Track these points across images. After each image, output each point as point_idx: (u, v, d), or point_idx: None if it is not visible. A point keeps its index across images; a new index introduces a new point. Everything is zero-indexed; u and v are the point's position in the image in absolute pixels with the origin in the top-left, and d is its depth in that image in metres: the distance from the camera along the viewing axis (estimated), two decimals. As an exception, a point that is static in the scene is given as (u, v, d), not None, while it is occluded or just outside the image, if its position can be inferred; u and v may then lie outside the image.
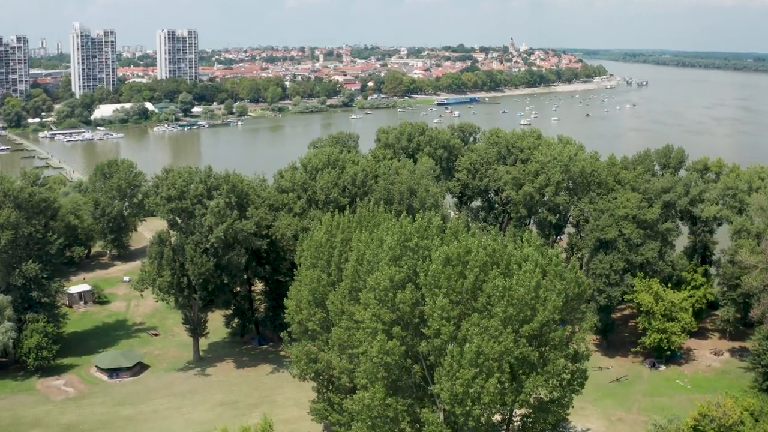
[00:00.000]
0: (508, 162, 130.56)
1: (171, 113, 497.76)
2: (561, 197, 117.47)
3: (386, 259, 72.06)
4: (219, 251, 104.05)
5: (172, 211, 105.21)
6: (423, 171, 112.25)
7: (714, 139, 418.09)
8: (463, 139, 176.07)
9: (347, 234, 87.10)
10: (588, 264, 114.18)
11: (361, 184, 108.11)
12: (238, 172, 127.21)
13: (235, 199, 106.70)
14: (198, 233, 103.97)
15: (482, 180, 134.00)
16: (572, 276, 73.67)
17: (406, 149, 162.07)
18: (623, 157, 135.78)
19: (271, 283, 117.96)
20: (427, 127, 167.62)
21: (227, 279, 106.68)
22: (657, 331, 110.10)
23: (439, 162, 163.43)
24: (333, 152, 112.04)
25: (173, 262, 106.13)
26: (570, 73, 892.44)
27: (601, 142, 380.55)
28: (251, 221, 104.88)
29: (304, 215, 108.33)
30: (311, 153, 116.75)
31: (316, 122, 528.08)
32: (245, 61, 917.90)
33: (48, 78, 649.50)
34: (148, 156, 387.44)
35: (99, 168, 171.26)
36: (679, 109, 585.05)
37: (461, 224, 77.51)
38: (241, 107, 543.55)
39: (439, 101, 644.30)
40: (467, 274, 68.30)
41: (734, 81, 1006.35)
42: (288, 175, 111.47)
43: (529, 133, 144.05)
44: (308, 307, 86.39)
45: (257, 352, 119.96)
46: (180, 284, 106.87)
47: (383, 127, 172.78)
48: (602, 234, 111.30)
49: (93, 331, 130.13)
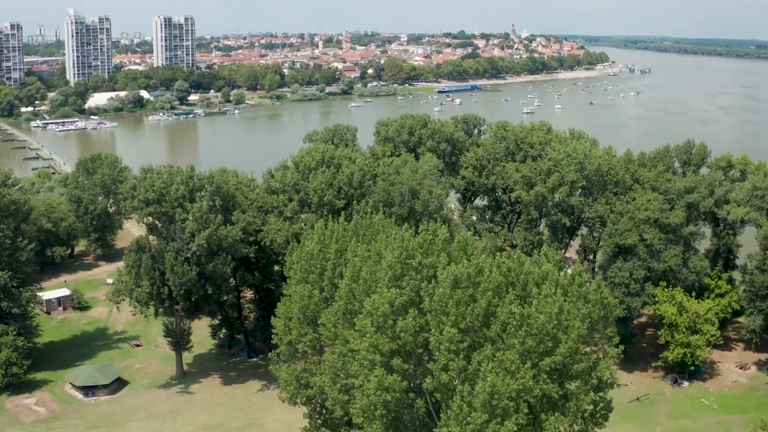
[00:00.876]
0: (517, 158, 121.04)
1: (166, 101, 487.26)
2: (575, 198, 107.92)
3: (385, 280, 63.00)
4: (202, 259, 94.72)
5: (151, 215, 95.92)
6: (426, 170, 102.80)
7: (721, 128, 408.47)
8: (467, 132, 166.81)
9: (342, 244, 77.98)
10: (605, 271, 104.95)
11: (358, 184, 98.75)
12: (231, 165, 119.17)
13: (220, 202, 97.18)
14: (179, 240, 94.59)
15: (489, 178, 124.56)
16: (597, 297, 64.75)
17: (407, 143, 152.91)
18: (640, 153, 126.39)
19: (261, 292, 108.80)
20: (429, 119, 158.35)
21: (212, 289, 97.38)
22: (680, 345, 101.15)
23: (443, 156, 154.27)
24: (327, 149, 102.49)
25: (153, 271, 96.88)
26: (572, 60, 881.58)
27: (606, 132, 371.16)
28: (237, 227, 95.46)
29: (296, 219, 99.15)
30: (304, 150, 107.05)
31: (315, 110, 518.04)
32: (244, 48, 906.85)
33: (44, 66, 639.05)
34: (142, 146, 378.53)
35: (81, 163, 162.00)
36: (684, 97, 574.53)
37: (470, 237, 68.19)
38: (239, 95, 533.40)
39: (440, 89, 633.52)
40: (479, 297, 59.24)
41: (737, 68, 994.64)
42: (278, 175, 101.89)
43: (538, 126, 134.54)
44: (298, 326, 77.38)
45: (246, 366, 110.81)
46: (160, 295, 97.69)
47: (383, 120, 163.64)
48: (621, 239, 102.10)
49: (71, 341, 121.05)
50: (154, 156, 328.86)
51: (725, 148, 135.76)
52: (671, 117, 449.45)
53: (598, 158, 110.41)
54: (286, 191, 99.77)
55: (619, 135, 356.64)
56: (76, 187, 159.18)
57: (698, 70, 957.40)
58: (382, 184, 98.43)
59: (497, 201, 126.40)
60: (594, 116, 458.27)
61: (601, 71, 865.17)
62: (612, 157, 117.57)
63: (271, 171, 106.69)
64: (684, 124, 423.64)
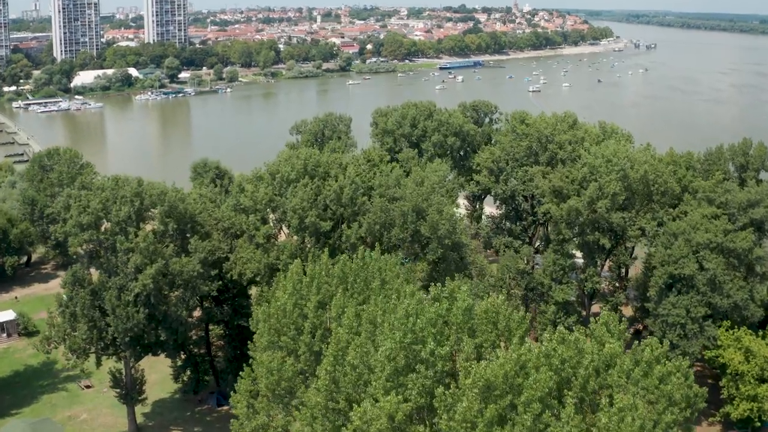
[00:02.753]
0: (541, 160, 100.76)
1: (156, 79, 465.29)
2: (617, 215, 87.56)
3: (383, 378, 43.51)
4: (151, 299, 74.80)
5: (88, 243, 75.97)
6: (434, 182, 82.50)
7: (738, 110, 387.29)
8: (477, 121, 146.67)
9: (325, 293, 58.41)
10: (655, 307, 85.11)
11: (349, 201, 78.62)
12: (221, 153, 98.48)
13: (174, 226, 76.92)
14: (122, 274, 74.62)
15: (508, 183, 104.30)
16: (683, 393, 45.64)
17: (408, 137, 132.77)
18: (686, 153, 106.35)
19: (231, 329, 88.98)
20: (434, 108, 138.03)
21: (165, 335, 77.46)
22: (747, 398, 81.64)
23: (450, 152, 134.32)
24: (311, 156, 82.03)
25: (92, 311, 77.05)
26: (576, 35, 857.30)
27: (617, 112, 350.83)
28: (195, 258, 75.22)
29: (271, 246, 79.04)
30: (283, 156, 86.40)
31: (311, 89, 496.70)
32: (241, 22, 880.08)
33: (33, 42, 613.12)
34: (126, 129, 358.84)
35: (36, 159, 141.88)
36: (693, 74, 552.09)
37: (501, 304, 48.45)
38: (232, 72, 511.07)
39: (442, 65, 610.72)
40: (521, 411, 39.83)
41: (741, 44, 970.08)
42: (250, 189, 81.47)
43: (561, 117, 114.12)
44: (267, 407, 57.97)
45: (215, 417, 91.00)
46: (102, 339, 77.99)
47: (381, 109, 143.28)
48: (677, 268, 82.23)
49: (10, 379, 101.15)
50: (137, 142, 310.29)
51: (749, 132, 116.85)
52: (684, 96, 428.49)
53: (644, 164, 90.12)
54: (259, 210, 79.39)
55: (631, 117, 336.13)
56: (31, 187, 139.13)
57: (703, 45, 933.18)
58: (379, 201, 78.36)
59: (517, 210, 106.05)
60: (603, 95, 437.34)
61: (605, 47, 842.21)
62: (657, 160, 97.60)
63: (241, 183, 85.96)
64: (697, 103, 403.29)
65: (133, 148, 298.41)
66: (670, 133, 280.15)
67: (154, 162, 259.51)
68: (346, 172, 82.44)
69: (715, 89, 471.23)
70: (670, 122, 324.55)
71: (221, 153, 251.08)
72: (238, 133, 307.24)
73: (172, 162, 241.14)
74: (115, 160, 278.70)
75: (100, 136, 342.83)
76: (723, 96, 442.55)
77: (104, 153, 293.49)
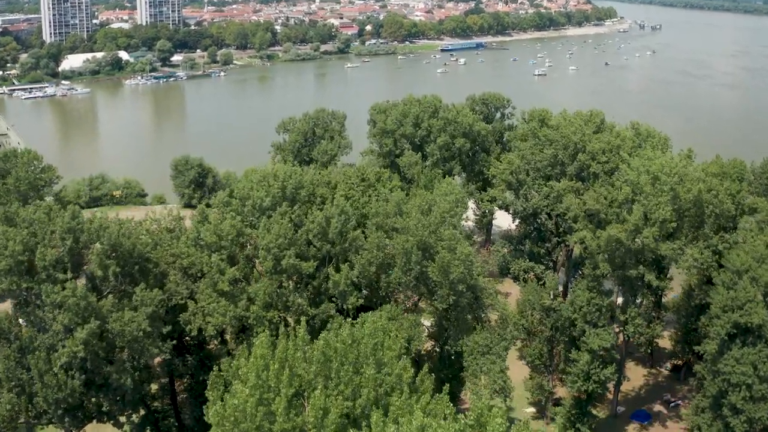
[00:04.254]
0: (569, 171, 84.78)
1: (147, 63, 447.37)
2: (667, 246, 71.75)
3: None
4: (88, 364, 59.31)
5: (11, 292, 60.42)
6: (445, 210, 66.62)
7: (756, 96, 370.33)
8: (487, 117, 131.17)
9: (301, 384, 43.16)
10: (714, 362, 69.63)
11: (337, 236, 63.03)
12: (206, 148, 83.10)
13: (116, 269, 61.05)
14: (51, 332, 59.05)
15: (529, 199, 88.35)
16: None
17: (411, 138, 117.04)
18: (734, 160, 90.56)
19: (196, 384, 73.42)
20: (440, 105, 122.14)
21: (108, 404, 62.01)
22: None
23: (458, 156, 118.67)
24: (292, 175, 65.95)
25: (20, 371, 61.61)
26: (580, 16, 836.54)
27: (629, 99, 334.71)
28: (141, 313, 59.43)
29: (240, 293, 63.21)
30: (256, 175, 69.95)
31: (309, 72, 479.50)
32: (239, 2, 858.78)
33: (24, 24, 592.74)
34: (112, 116, 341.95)
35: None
36: (703, 57, 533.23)
37: None
38: (226, 55, 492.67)
39: (443, 47, 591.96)
40: None
41: (746, 25, 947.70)
42: (214, 221, 65.53)
43: (587, 116, 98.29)
44: None
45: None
46: (35, 406, 62.60)
47: (379, 104, 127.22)
48: (743, 316, 66.74)
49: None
50: (123, 131, 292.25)
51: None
52: (696, 81, 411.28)
53: (697, 182, 74.25)
54: (224, 248, 63.55)
55: (645, 104, 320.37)
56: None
57: (708, 26, 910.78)
58: (376, 236, 62.68)
59: (540, 230, 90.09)
60: (612, 79, 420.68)
61: (610, 28, 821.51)
62: (706, 173, 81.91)
63: (204, 210, 69.60)
64: (711, 88, 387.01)
65: (118, 137, 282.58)
66: (691, 125, 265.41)
67: (140, 154, 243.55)
68: (335, 193, 66.69)
69: (726, 73, 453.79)
70: (685, 110, 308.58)
71: (210, 143, 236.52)
72: (230, 123, 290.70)
73: (160, 154, 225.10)
74: (98, 151, 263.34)
75: (83, 125, 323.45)
76: (736, 80, 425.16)
77: (86, 144, 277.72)
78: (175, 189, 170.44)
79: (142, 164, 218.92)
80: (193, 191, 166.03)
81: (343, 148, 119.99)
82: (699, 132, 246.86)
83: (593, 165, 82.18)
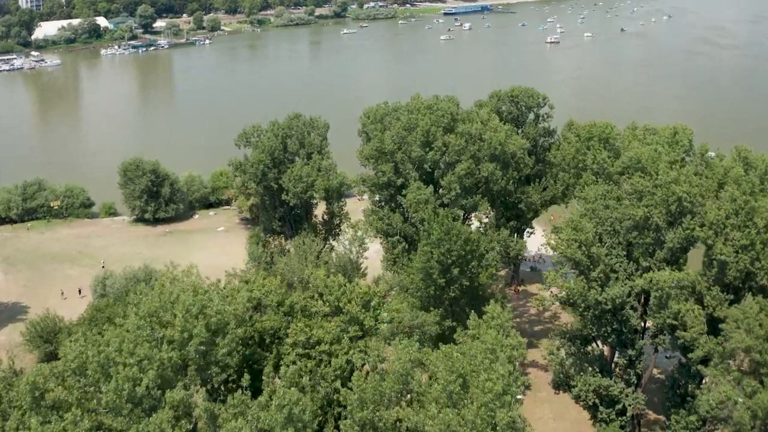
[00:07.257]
0: (667, 241, 53.41)
1: (127, 30, 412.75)
2: None
3: None
4: None
5: None
6: (488, 397, 34.86)
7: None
8: (518, 119, 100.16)
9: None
10: None
11: None
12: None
13: None
14: None
15: (609, 287, 56.68)
16: None
17: (419, 165, 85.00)
18: None
19: None
20: (457, 112, 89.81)
21: None
22: None
23: (484, 185, 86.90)
24: (239, 296, 34.82)
25: None
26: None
27: (657, 75, 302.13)
28: None
29: None
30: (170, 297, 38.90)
31: (303, 39, 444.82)
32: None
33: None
34: (83, 92, 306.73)
35: None
36: (723, 23, 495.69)
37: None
38: (213, 20, 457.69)
39: (446, 10, 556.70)
40: None
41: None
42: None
43: (669, 135, 66.82)
44: None
45: None
46: None
47: (371, 109, 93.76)
48: None
49: None
50: (91, 114, 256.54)
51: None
52: (721, 51, 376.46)
53: None
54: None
55: (673, 79, 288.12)
56: None
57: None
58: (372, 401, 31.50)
59: (620, 332, 58.32)
60: (631, 49, 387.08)
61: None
62: None
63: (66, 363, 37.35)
64: (740, 60, 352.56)
65: (75, 124, 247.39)
66: (739, 108, 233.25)
67: (96, 146, 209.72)
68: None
69: (754, 43, 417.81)
70: (727, 89, 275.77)
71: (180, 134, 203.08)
72: (209, 103, 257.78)
73: (119, 147, 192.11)
74: (48, 142, 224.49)
75: (47, 105, 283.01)
76: (765, 51, 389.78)
77: (41, 134, 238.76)
78: (125, 200, 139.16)
79: (94, 161, 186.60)
80: (145, 203, 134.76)
81: (325, 171, 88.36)
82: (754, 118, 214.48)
83: (702, 233, 50.80)
